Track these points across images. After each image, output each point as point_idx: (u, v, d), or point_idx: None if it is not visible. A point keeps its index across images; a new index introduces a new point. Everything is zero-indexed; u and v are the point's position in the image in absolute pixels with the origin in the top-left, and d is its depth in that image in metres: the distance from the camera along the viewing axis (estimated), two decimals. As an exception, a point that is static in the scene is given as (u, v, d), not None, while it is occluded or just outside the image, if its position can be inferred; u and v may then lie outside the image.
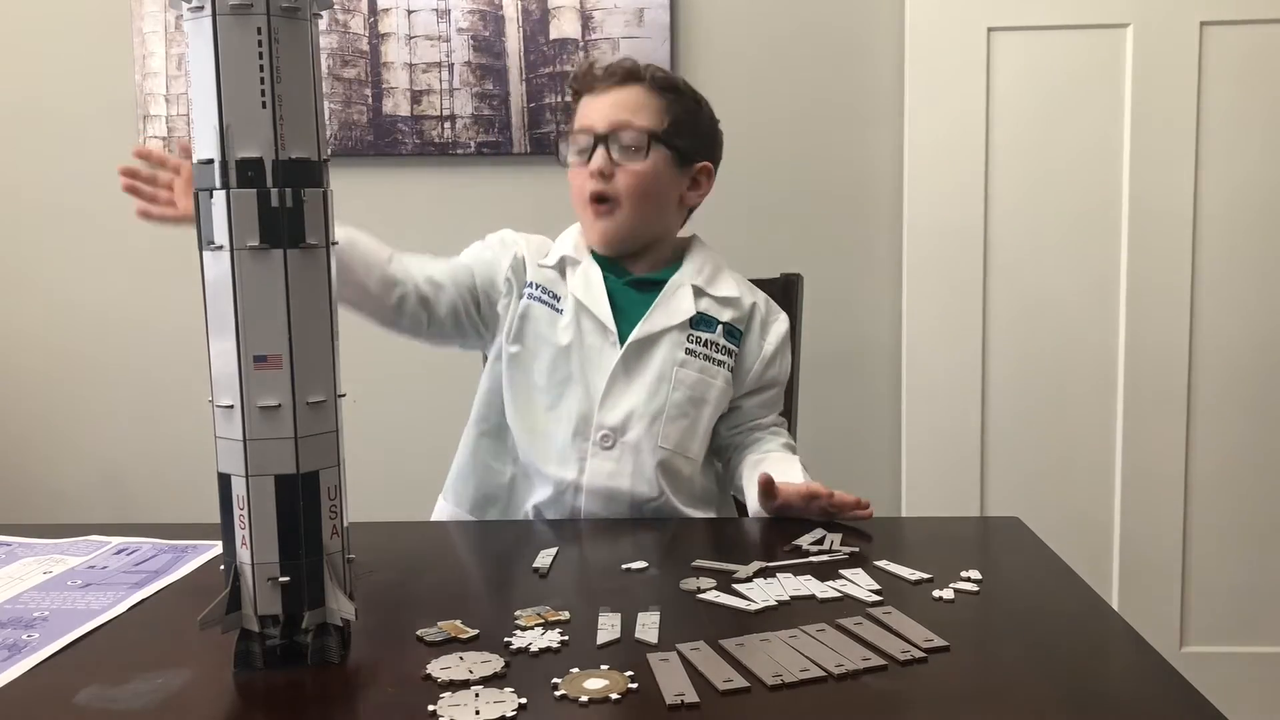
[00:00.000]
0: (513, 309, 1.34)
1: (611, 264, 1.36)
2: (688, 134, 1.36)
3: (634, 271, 1.37)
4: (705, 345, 1.34)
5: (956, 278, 2.08)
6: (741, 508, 1.39)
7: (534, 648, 0.83)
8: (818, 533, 1.13)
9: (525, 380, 1.33)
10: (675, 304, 1.34)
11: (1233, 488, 2.10)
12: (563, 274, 1.36)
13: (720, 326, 1.35)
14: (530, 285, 1.35)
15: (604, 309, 1.32)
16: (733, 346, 1.36)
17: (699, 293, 1.35)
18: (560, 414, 1.31)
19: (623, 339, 1.31)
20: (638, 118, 1.33)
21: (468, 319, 1.35)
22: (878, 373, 2.19)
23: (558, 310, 1.33)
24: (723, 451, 1.41)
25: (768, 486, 1.19)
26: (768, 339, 1.38)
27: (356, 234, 1.28)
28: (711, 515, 1.37)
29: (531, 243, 1.39)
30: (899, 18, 2.10)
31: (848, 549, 1.07)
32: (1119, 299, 2.08)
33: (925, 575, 0.99)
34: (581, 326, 1.32)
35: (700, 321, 1.34)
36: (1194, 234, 2.05)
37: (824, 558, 1.05)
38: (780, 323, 1.41)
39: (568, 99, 1.52)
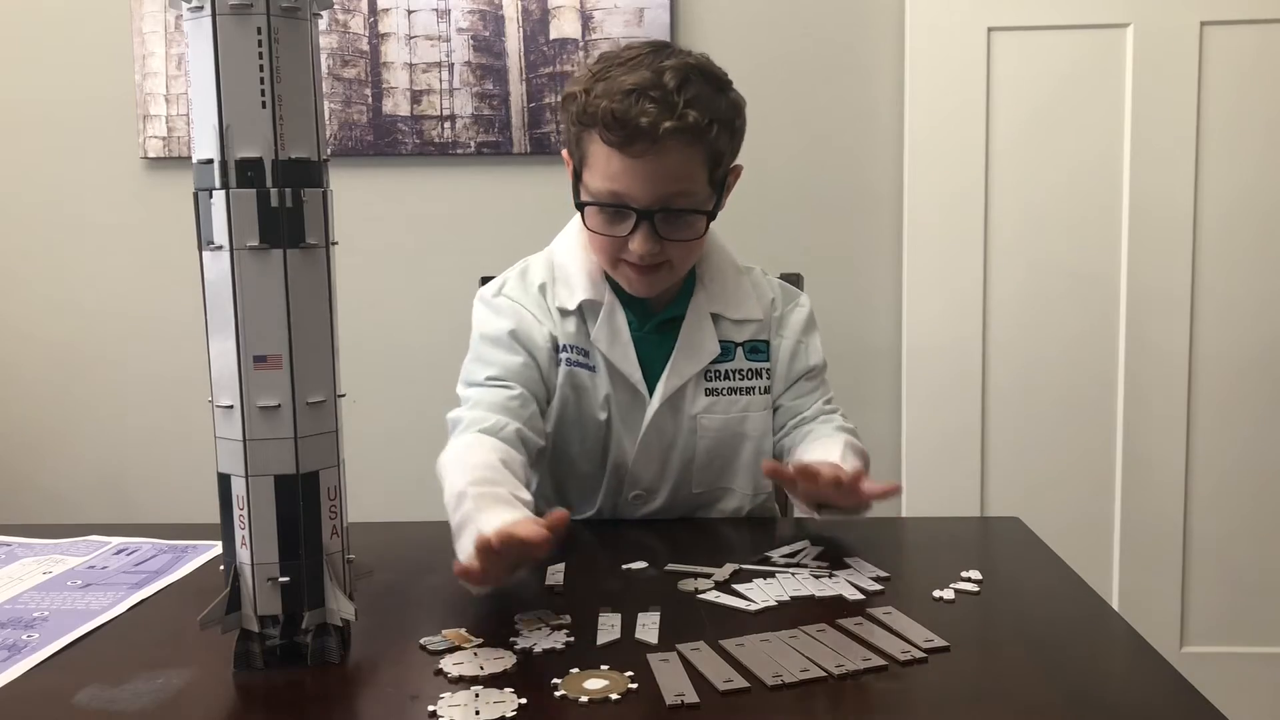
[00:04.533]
0: (555, 377, 1.21)
1: (632, 300, 1.23)
2: (728, 163, 1.19)
3: (655, 308, 1.24)
4: (728, 378, 1.23)
5: (956, 277, 2.08)
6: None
7: (539, 648, 0.83)
8: (797, 544, 1.10)
9: (563, 447, 1.24)
10: (698, 344, 1.22)
11: (1233, 488, 2.10)
12: (583, 318, 1.22)
13: (739, 349, 1.24)
14: (564, 349, 1.21)
15: (634, 368, 1.20)
16: (760, 364, 1.25)
17: (717, 318, 1.24)
18: (595, 475, 1.25)
19: (651, 387, 1.21)
20: (688, 185, 1.13)
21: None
22: (878, 373, 2.19)
23: (591, 368, 1.21)
24: (781, 456, 1.28)
25: (790, 481, 1.08)
26: (785, 333, 1.27)
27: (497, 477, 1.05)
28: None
29: (530, 293, 1.23)
30: (899, 17, 2.10)
31: (818, 563, 1.04)
32: (1119, 299, 2.07)
33: (877, 587, 0.98)
34: (615, 385, 1.21)
35: (719, 353, 1.23)
36: (1194, 234, 2.05)
37: (792, 570, 1.02)
38: (798, 311, 1.29)
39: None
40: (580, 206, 1.17)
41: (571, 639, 0.85)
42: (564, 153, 1.21)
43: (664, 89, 1.08)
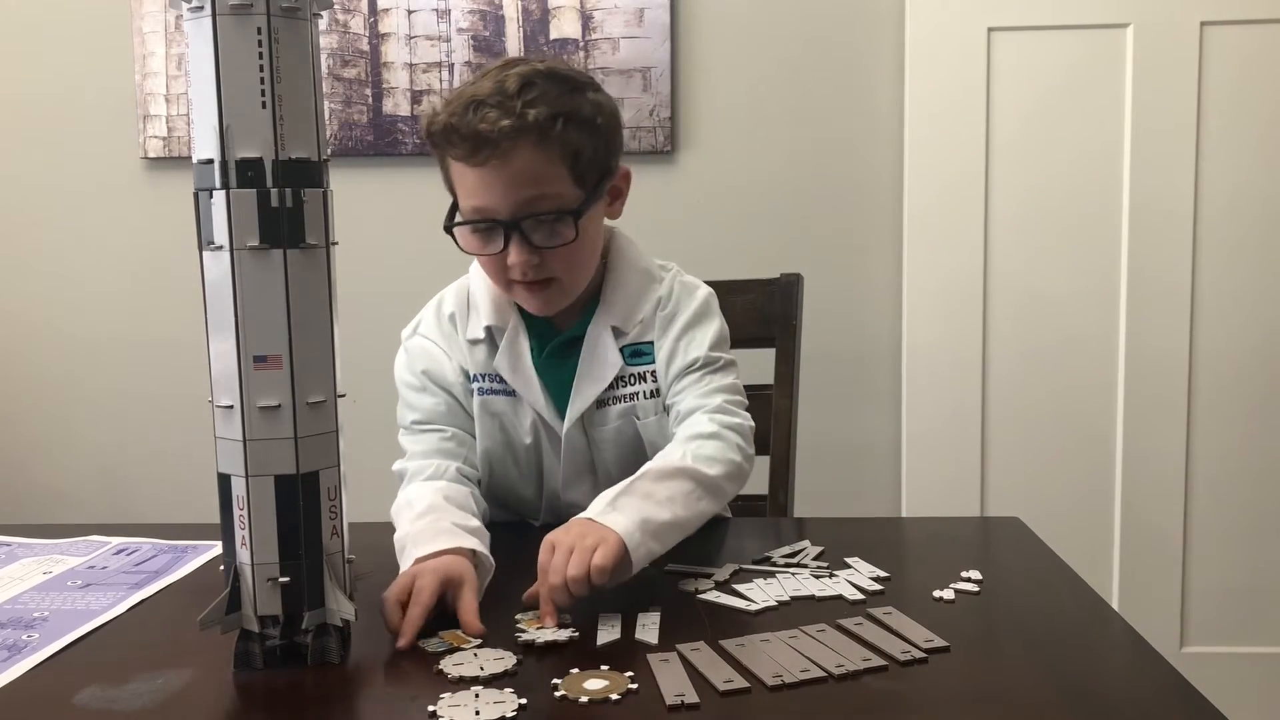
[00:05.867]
0: (474, 408, 1.21)
1: (536, 321, 1.20)
2: (601, 161, 1.13)
3: (561, 327, 1.21)
4: (613, 386, 1.19)
5: (956, 277, 2.08)
6: None
7: (540, 640, 0.84)
8: (797, 545, 1.10)
9: (501, 472, 1.23)
10: (600, 361, 1.19)
11: (1233, 488, 2.10)
12: (494, 343, 1.20)
13: (623, 353, 1.20)
14: (476, 379, 1.20)
15: (537, 396, 1.18)
16: (643, 368, 1.20)
17: (618, 332, 1.19)
18: (535, 499, 1.24)
19: (563, 409, 1.19)
20: (547, 188, 1.09)
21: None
22: (878, 373, 2.19)
23: (511, 393, 1.19)
24: None
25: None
26: (669, 332, 1.20)
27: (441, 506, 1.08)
28: None
29: (442, 327, 1.22)
30: (899, 17, 2.10)
31: (818, 563, 1.04)
32: (1119, 298, 2.07)
33: (877, 587, 0.98)
34: (535, 409, 1.19)
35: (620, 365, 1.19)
36: (1194, 233, 2.05)
37: (792, 570, 1.02)
38: (688, 306, 1.21)
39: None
40: (449, 230, 1.13)
41: (576, 634, 0.85)
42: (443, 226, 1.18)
43: (504, 94, 1.06)
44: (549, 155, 1.08)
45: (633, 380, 1.19)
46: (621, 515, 0.96)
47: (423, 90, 2.17)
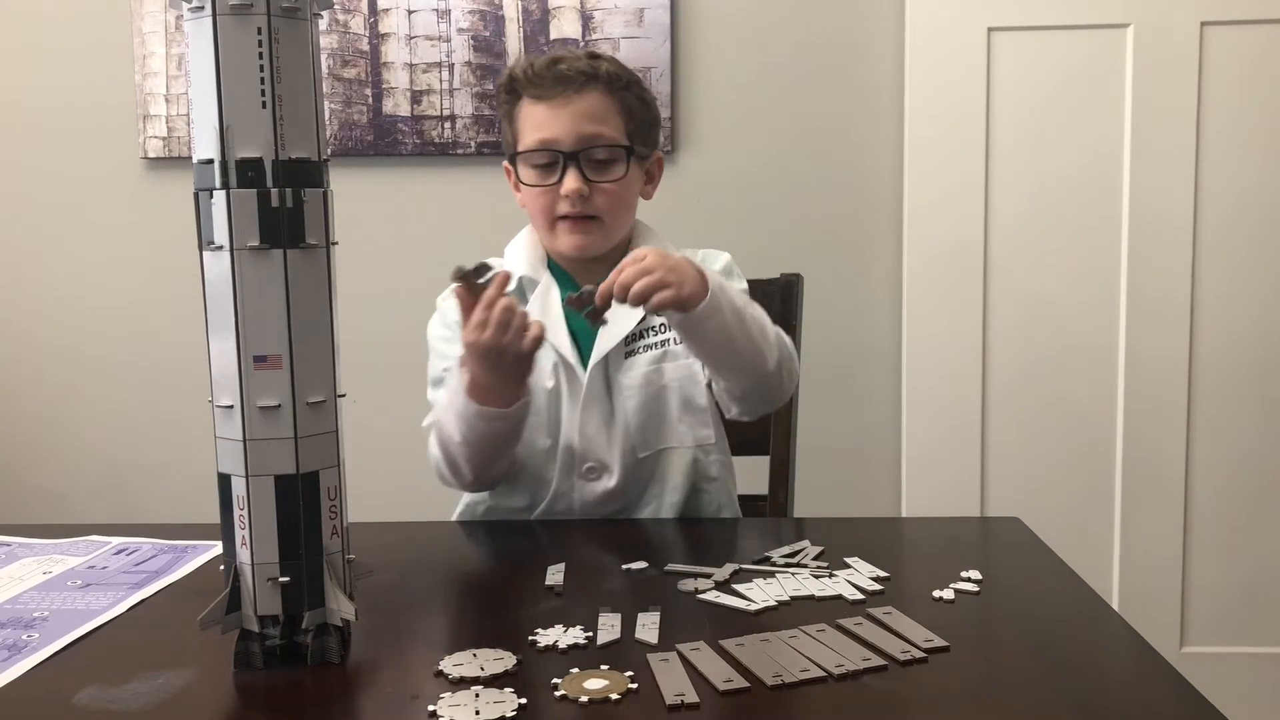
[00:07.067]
0: None
1: (566, 274, 1.30)
2: (646, 131, 1.30)
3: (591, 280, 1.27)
4: (642, 336, 1.27)
5: (957, 277, 2.08)
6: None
7: (556, 643, 0.84)
8: (797, 545, 1.10)
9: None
10: (623, 311, 1.21)
11: (1233, 488, 2.10)
12: (524, 297, 1.28)
13: None
14: None
15: (565, 340, 1.25)
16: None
17: None
18: (550, 451, 1.27)
19: (586, 358, 1.26)
20: (606, 128, 1.24)
21: None
22: (878, 373, 2.19)
23: None
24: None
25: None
26: None
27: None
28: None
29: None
30: (899, 18, 2.10)
31: (818, 563, 1.04)
32: (1119, 299, 2.07)
33: (877, 587, 0.98)
34: (558, 356, 1.26)
35: (641, 316, 1.27)
36: (1194, 234, 2.05)
37: (793, 570, 1.02)
38: (715, 262, 1.31)
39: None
40: (513, 159, 1.28)
41: (591, 634, 0.85)
42: (505, 165, 1.32)
43: (581, 55, 1.27)
44: (611, 104, 1.25)
45: (661, 329, 1.28)
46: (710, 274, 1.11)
47: (423, 90, 2.17)
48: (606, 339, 1.25)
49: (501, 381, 1.13)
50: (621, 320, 1.25)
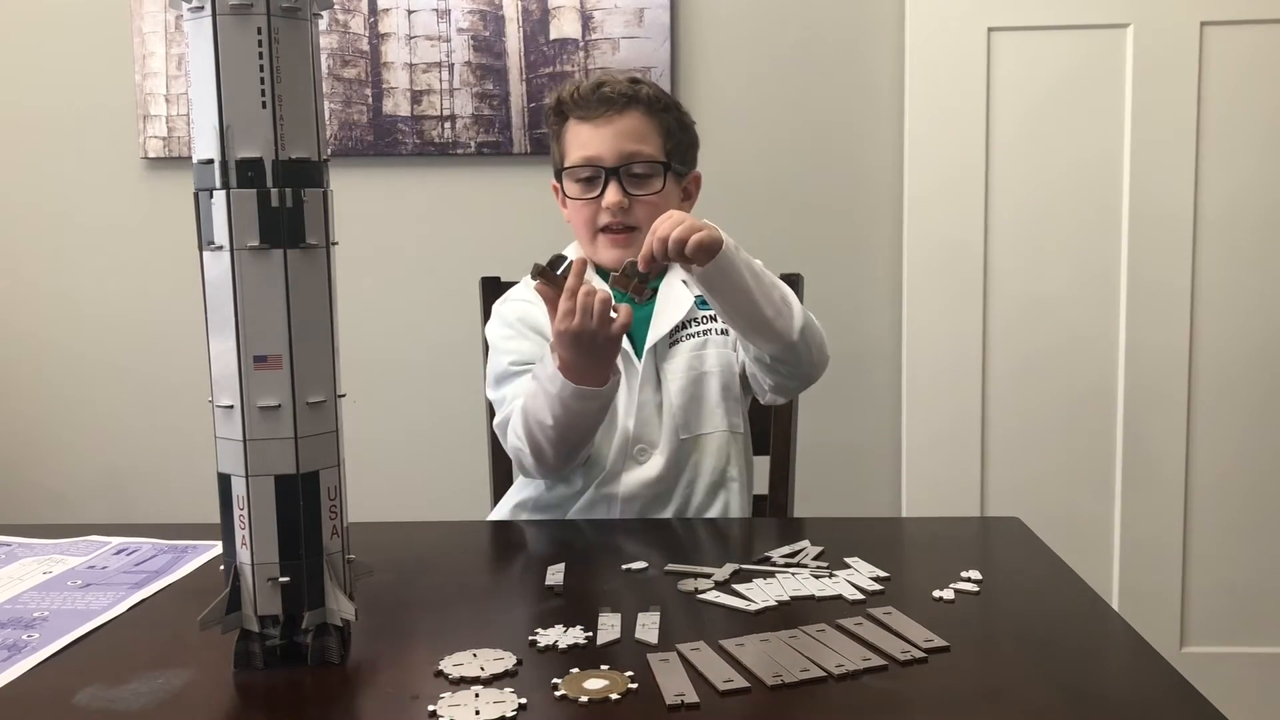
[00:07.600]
0: None
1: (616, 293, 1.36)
2: (684, 151, 1.39)
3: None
4: (686, 325, 1.36)
5: (956, 277, 2.08)
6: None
7: (556, 643, 0.84)
8: (797, 544, 1.10)
9: None
10: (673, 301, 1.36)
11: (1233, 488, 2.10)
12: None
13: (694, 301, 1.36)
14: None
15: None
16: (712, 310, 1.33)
17: (688, 283, 1.33)
18: (606, 435, 1.33)
19: (638, 348, 1.34)
20: (646, 146, 1.34)
21: None
22: (878, 373, 2.19)
23: None
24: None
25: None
26: None
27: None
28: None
29: (531, 288, 1.33)
30: (899, 18, 2.10)
31: (818, 563, 1.04)
32: (1119, 298, 2.07)
33: (877, 587, 0.98)
34: None
35: (691, 303, 1.36)
36: (1194, 233, 2.05)
37: (793, 570, 1.02)
38: None
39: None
40: (559, 175, 1.37)
41: (591, 634, 0.85)
42: (552, 182, 1.40)
43: (625, 80, 1.36)
44: (651, 125, 1.35)
45: (704, 320, 1.37)
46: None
47: (423, 90, 2.17)
48: (657, 328, 1.34)
49: (593, 362, 1.19)
50: (670, 310, 1.35)
